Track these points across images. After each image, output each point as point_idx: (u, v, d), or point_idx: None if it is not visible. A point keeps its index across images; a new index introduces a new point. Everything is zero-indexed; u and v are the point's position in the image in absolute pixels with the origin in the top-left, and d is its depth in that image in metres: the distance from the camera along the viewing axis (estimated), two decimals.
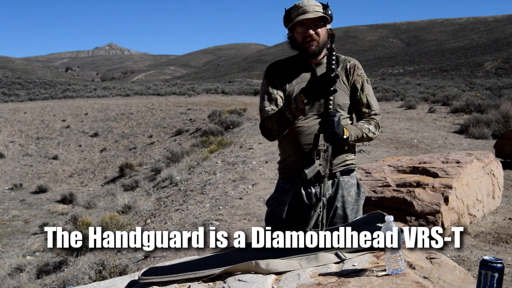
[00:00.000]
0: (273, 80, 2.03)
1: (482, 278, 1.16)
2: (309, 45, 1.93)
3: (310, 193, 1.95)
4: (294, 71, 2.03)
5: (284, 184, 2.03)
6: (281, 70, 2.04)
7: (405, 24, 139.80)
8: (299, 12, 1.90)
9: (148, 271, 1.53)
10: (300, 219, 1.98)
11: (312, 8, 1.90)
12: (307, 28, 1.92)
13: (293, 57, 2.07)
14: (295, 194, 1.98)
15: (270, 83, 2.04)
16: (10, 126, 21.03)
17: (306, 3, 1.91)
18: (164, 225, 5.71)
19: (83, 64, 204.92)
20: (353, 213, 1.99)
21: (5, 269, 6.10)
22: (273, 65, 2.10)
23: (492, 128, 9.78)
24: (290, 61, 2.07)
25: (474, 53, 68.60)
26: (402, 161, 4.61)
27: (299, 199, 1.97)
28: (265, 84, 2.06)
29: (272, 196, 2.07)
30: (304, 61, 2.01)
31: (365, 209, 2.09)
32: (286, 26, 1.98)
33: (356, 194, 2.01)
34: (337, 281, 1.31)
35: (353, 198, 2.00)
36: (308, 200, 1.95)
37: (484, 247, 3.59)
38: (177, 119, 18.62)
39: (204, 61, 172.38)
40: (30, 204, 12.68)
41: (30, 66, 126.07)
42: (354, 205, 2.00)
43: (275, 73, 2.04)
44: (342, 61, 2.04)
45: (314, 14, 1.88)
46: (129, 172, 14.00)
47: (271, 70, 2.07)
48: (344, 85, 2.02)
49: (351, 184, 2.01)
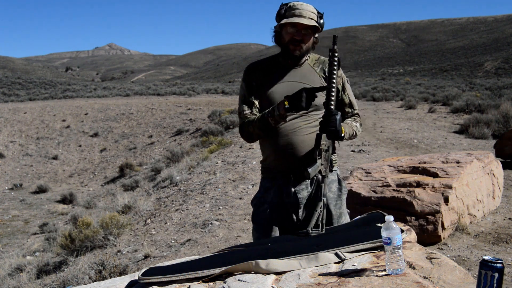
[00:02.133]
0: (250, 83, 2.05)
1: (482, 278, 1.16)
2: (294, 48, 1.95)
3: (290, 192, 1.98)
4: (274, 72, 2.04)
5: (265, 183, 2.06)
6: (261, 70, 2.05)
7: (405, 24, 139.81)
8: (295, 14, 1.90)
9: (148, 271, 1.53)
10: (282, 217, 2.01)
11: (308, 14, 1.90)
12: (297, 31, 1.92)
13: (274, 56, 2.09)
14: (276, 192, 2.01)
15: (248, 87, 2.06)
16: (10, 126, 21.04)
17: (304, 6, 1.91)
18: (164, 225, 5.71)
19: (83, 64, 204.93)
20: (337, 208, 2.03)
21: (5, 269, 6.11)
22: (252, 66, 2.10)
23: (492, 128, 9.78)
24: (270, 61, 2.08)
25: (474, 53, 68.60)
26: (402, 161, 4.61)
27: (280, 198, 2.01)
28: (243, 88, 2.08)
29: (256, 196, 2.10)
30: (284, 62, 2.03)
31: (365, 209, 2.10)
32: (277, 21, 1.98)
33: (338, 190, 2.05)
34: (337, 281, 1.31)
35: (335, 193, 2.04)
36: (288, 199, 1.99)
37: (484, 247, 3.59)
38: (177, 119, 18.63)
39: (204, 61, 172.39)
40: (30, 204, 12.68)
41: (30, 66, 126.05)
42: (337, 201, 2.04)
43: (253, 75, 2.05)
44: (321, 62, 2.06)
45: (308, 21, 1.88)
46: (129, 172, 14.00)
47: (250, 72, 2.07)
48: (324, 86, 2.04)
49: (331, 180, 2.04)
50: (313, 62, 2.06)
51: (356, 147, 8.27)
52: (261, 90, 2.03)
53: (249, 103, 2.05)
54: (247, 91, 2.06)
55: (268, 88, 2.01)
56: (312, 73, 2.04)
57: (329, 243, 1.58)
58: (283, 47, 1.99)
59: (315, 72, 2.04)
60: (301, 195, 1.99)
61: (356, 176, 4.38)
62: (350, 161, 7.00)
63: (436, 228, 3.58)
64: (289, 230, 2.00)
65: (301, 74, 2.02)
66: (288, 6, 1.94)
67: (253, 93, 2.05)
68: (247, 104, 2.05)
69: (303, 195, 2.00)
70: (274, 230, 2.00)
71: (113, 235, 5.65)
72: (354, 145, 8.45)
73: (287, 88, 1.99)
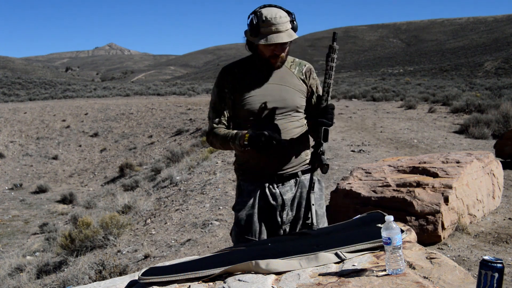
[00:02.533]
0: (223, 90, 2.01)
1: (482, 278, 1.16)
2: (275, 61, 1.94)
3: (274, 193, 2.00)
4: (251, 74, 2.01)
5: (247, 187, 2.03)
6: (236, 74, 2.01)
7: (405, 24, 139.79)
8: (272, 30, 1.83)
9: (148, 271, 1.53)
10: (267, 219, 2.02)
11: (285, 26, 1.85)
12: (276, 47, 1.89)
13: (249, 58, 2.05)
14: (261, 195, 2.00)
15: (219, 94, 2.02)
16: (10, 126, 21.03)
17: (278, 19, 1.84)
18: (164, 225, 5.71)
19: (83, 64, 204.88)
20: (320, 208, 2.07)
21: (5, 269, 6.10)
22: (227, 70, 2.04)
23: (492, 128, 9.77)
24: (247, 62, 2.04)
25: (474, 53, 68.59)
26: (402, 161, 4.61)
27: (266, 200, 2.00)
28: (215, 94, 2.05)
29: (238, 201, 2.05)
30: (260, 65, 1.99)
31: (365, 209, 2.11)
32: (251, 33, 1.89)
33: (319, 190, 2.09)
34: (337, 281, 1.31)
35: (317, 194, 2.07)
36: (274, 201, 2.00)
37: (484, 247, 3.59)
38: (177, 119, 18.62)
39: (204, 61, 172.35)
40: (30, 204, 12.68)
41: (30, 66, 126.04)
42: (320, 201, 2.08)
43: (227, 80, 2.01)
44: (297, 64, 2.06)
45: (288, 37, 1.85)
46: (129, 172, 14.00)
47: (224, 76, 2.03)
48: (302, 87, 2.05)
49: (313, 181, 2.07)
50: (289, 64, 2.05)
51: (356, 147, 8.27)
52: (236, 94, 1.99)
53: (218, 111, 2.03)
54: (218, 98, 2.03)
55: (245, 92, 1.97)
56: (290, 75, 2.03)
57: (329, 243, 1.58)
58: (262, 59, 1.95)
59: (293, 74, 2.04)
60: (287, 197, 2.01)
61: (356, 176, 4.38)
62: (350, 161, 7.00)
63: (436, 228, 3.58)
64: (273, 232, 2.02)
65: (280, 76, 2.01)
66: (261, 20, 1.84)
67: (224, 101, 2.02)
68: (216, 112, 2.04)
69: (288, 196, 2.02)
70: (263, 232, 2.00)
71: (113, 235, 5.64)
72: (354, 145, 8.45)
73: (265, 90, 1.98)
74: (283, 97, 1.98)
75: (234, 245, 2.01)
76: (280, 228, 2.01)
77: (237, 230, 2.03)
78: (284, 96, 1.98)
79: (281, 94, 1.98)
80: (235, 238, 2.05)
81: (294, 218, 2.03)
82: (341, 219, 2.37)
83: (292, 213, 2.03)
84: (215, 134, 2.01)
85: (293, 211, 2.03)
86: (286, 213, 2.01)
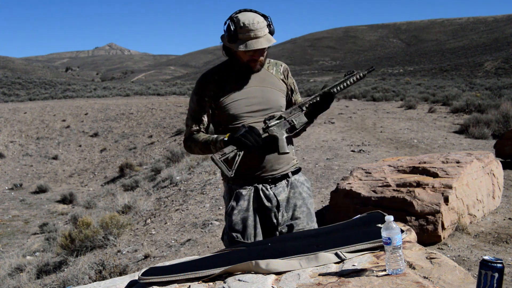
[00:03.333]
0: (203, 98, 2.01)
1: (482, 278, 1.16)
2: (254, 65, 1.95)
3: (268, 195, 2.00)
4: (231, 79, 2.01)
5: (238, 190, 2.01)
6: (216, 81, 2.00)
7: (405, 24, 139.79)
8: (251, 36, 1.84)
9: (148, 271, 1.53)
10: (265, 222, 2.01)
11: (263, 32, 1.86)
12: (255, 52, 1.90)
13: (227, 63, 2.04)
14: (254, 197, 2.00)
15: (199, 102, 2.02)
16: (10, 126, 21.03)
17: (256, 24, 1.84)
18: (164, 225, 5.71)
19: (83, 64, 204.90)
20: (311, 206, 2.11)
21: (5, 269, 6.10)
22: (207, 77, 2.03)
23: (492, 128, 9.77)
24: (225, 68, 2.04)
25: (474, 53, 68.60)
26: (402, 161, 4.60)
27: (260, 202, 2.00)
28: (194, 101, 2.04)
29: (232, 205, 2.01)
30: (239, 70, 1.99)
31: (365, 209, 2.12)
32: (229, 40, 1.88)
33: (308, 189, 2.13)
34: (337, 281, 1.31)
35: (307, 193, 2.11)
36: (268, 202, 2.00)
37: (484, 247, 3.59)
38: (177, 119, 18.62)
39: (204, 61, 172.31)
40: (30, 204, 12.68)
41: (30, 66, 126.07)
42: (310, 199, 2.12)
43: (207, 88, 2.00)
44: (274, 65, 2.09)
45: (267, 43, 1.86)
46: (129, 172, 14.00)
47: (204, 84, 2.02)
48: (283, 87, 2.08)
49: (302, 181, 2.11)
50: (266, 65, 2.06)
51: (356, 147, 8.27)
52: (218, 101, 1.98)
53: (197, 119, 2.03)
54: (198, 106, 2.02)
55: (227, 97, 1.98)
56: (269, 76, 2.06)
57: (329, 243, 1.58)
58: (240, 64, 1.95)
59: (271, 74, 2.06)
60: (281, 198, 2.02)
61: (356, 176, 4.38)
62: (350, 161, 7.00)
63: (436, 228, 3.58)
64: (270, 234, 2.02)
65: (260, 78, 2.02)
66: (239, 26, 1.84)
67: (204, 109, 2.01)
68: (195, 120, 2.03)
69: (282, 197, 2.02)
70: (258, 235, 1.99)
71: (113, 235, 5.65)
72: (354, 145, 8.45)
73: (248, 94, 1.98)
74: (267, 98, 2.00)
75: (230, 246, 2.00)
76: (276, 229, 2.01)
77: (231, 234, 1.99)
78: (268, 97, 2.01)
79: (264, 95, 2.00)
80: (228, 243, 2.01)
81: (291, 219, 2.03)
82: (341, 219, 2.37)
83: (288, 214, 2.03)
84: (193, 140, 2.01)
85: (288, 212, 2.03)
86: (281, 214, 2.01)
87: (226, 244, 2.03)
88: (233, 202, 2.01)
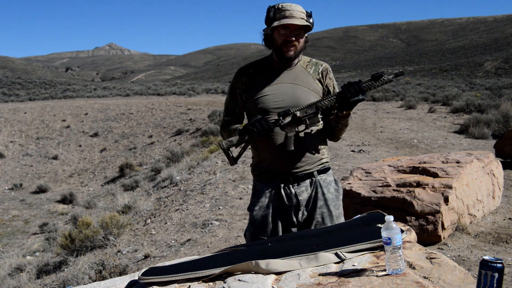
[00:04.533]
0: (235, 90, 2.07)
1: (482, 278, 1.16)
2: (287, 50, 1.94)
3: (290, 194, 1.99)
4: (265, 74, 2.03)
5: (262, 187, 2.04)
6: (250, 74, 2.04)
7: (405, 24, 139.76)
8: (286, 15, 1.88)
9: (148, 271, 1.53)
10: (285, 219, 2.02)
11: (299, 14, 1.89)
12: (290, 32, 1.91)
13: (266, 58, 2.08)
14: (276, 195, 2.01)
15: (232, 93, 2.09)
16: (10, 126, 21.03)
17: (294, 7, 1.89)
18: (164, 225, 5.71)
19: (83, 64, 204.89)
20: (336, 208, 2.05)
21: (5, 269, 6.10)
22: (242, 70, 2.09)
23: (492, 128, 9.78)
24: (262, 63, 2.07)
25: (474, 53, 68.59)
26: (402, 161, 4.61)
27: (280, 200, 2.00)
28: (228, 93, 2.12)
29: (253, 201, 2.06)
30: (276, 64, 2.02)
31: (365, 209, 2.11)
32: (267, 24, 1.96)
33: (335, 191, 2.08)
34: (337, 281, 1.31)
35: (333, 194, 2.06)
36: (289, 202, 2.00)
37: (484, 247, 3.59)
38: (177, 119, 18.62)
39: (204, 61, 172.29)
40: (30, 204, 12.68)
41: (30, 66, 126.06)
42: (336, 201, 2.06)
43: (240, 80, 2.06)
44: (314, 64, 2.07)
45: (300, 22, 1.87)
46: (129, 172, 14.00)
47: (238, 77, 2.08)
48: (318, 87, 2.05)
49: (329, 182, 2.07)
50: (305, 64, 2.06)
51: (356, 147, 8.27)
52: (249, 94, 2.02)
53: (229, 109, 2.10)
54: (230, 97, 2.10)
55: (258, 91, 2.00)
56: (305, 74, 2.04)
57: (329, 243, 1.58)
58: (276, 49, 1.97)
59: (308, 73, 2.04)
60: (302, 197, 2.00)
61: (356, 176, 4.38)
62: (350, 161, 6.99)
63: (436, 228, 3.58)
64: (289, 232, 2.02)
65: (294, 76, 2.02)
66: (277, 8, 1.91)
67: (235, 101, 2.08)
68: (227, 110, 2.11)
69: (303, 197, 2.01)
70: (279, 232, 2.01)
71: (113, 235, 5.64)
72: (354, 145, 8.45)
73: (278, 90, 1.99)
74: (297, 96, 1.98)
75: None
76: (296, 228, 2.01)
77: (252, 230, 2.03)
78: (298, 95, 1.98)
79: (294, 93, 1.98)
80: (249, 239, 2.05)
81: (309, 219, 2.02)
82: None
83: (307, 213, 2.02)
84: (224, 129, 2.09)
85: (308, 212, 2.02)
86: (302, 213, 2.01)
87: (248, 241, 2.07)
88: (255, 198, 2.05)
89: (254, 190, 2.09)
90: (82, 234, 5.72)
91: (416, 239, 1.72)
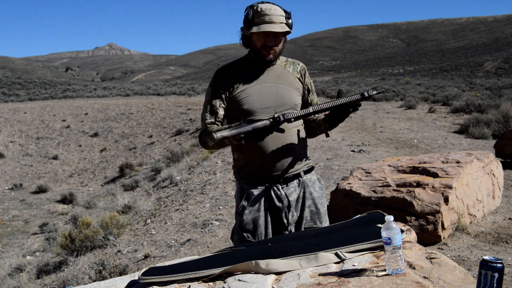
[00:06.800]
0: (218, 90, 2.00)
1: (482, 278, 1.16)
2: (267, 53, 1.93)
3: (280, 195, 1.99)
4: (246, 74, 2.01)
5: (250, 190, 2.00)
6: (231, 75, 2.00)
7: (405, 24, 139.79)
8: (265, 21, 1.85)
9: (148, 271, 1.53)
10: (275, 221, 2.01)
11: (278, 19, 1.87)
12: (269, 38, 1.89)
13: (244, 58, 2.05)
14: (266, 197, 1.99)
15: (214, 94, 2.01)
16: (10, 126, 21.03)
17: (273, 10, 1.87)
18: (164, 225, 5.71)
19: (83, 64, 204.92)
20: (322, 206, 2.10)
21: (5, 269, 6.11)
22: (223, 70, 2.04)
23: (492, 128, 9.78)
24: (241, 63, 2.04)
25: (474, 53, 68.61)
26: (402, 161, 4.60)
27: (271, 202, 1.99)
28: (210, 94, 2.04)
29: (243, 205, 2.01)
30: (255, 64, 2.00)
31: (365, 209, 2.11)
32: (245, 26, 1.92)
33: (320, 189, 2.11)
34: (337, 281, 1.31)
35: (319, 193, 2.09)
36: (279, 202, 1.99)
37: (484, 247, 3.59)
38: (177, 119, 18.63)
39: (204, 61, 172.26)
40: (30, 204, 12.68)
41: (30, 66, 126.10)
42: (322, 199, 2.10)
43: (222, 81, 2.00)
44: (291, 63, 2.08)
45: (280, 28, 1.86)
46: (129, 172, 14.01)
47: (219, 77, 2.03)
48: (299, 85, 2.06)
49: (314, 180, 2.10)
50: (283, 63, 2.06)
51: (356, 147, 8.27)
52: (232, 95, 1.98)
53: (213, 112, 2.01)
54: (213, 99, 2.02)
55: (241, 91, 1.97)
56: (286, 74, 2.04)
57: (329, 243, 1.58)
58: (255, 52, 1.95)
59: (288, 72, 2.05)
60: (292, 198, 2.01)
61: (356, 176, 4.38)
62: (350, 161, 7.00)
63: (436, 228, 3.58)
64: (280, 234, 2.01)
65: (275, 75, 2.01)
66: (255, 10, 1.87)
67: (219, 102, 2.01)
68: (210, 113, 2.02)
69: (293, 197, 2.01)
70: (269, 235, 2.00)
71: (113, 235, 5.64)
72: (354, 145, 8.45)
73: (262, 90, 1.98)
74: (281, 95, 1.98)
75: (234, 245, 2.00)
76: (286, 229, 2.01)
77: (242, 234, 1.99)
78: (282, 94, 1.99)
79: (278, 93, 1.98)
80: (238, 243, 2.00)
81: (299, 219, 2.03)
82: (341, 219, 2.38)
83: (297, 213, 2.03)
84: (208, 133, 1.95)
85: (297, 211, 2.03)
86: (291, 214, 2.01)
87: (236, 244, 2.03)
88: (244, 201, 2.00)
89: (241, 194, 2.04)
90: (82, 234, 5.72)
91: (416, 239, 1.72)
